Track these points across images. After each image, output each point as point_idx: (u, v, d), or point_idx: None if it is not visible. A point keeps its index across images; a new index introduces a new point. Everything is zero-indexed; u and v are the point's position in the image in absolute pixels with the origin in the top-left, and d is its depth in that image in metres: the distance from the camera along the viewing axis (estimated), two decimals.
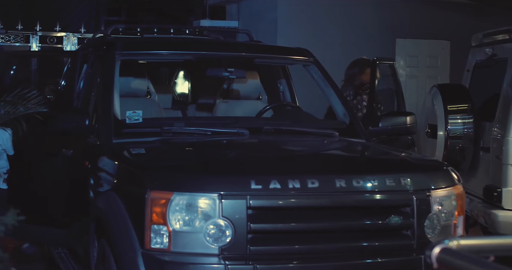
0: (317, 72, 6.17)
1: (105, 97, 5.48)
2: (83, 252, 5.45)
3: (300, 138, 5.57)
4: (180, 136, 5.27)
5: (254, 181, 4.10)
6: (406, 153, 5.32)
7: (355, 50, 11.75)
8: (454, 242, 2.12)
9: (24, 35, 12.13)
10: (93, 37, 7.56)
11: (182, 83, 7.97)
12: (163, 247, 4.07)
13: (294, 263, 4.12)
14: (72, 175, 6.13)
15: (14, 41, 12.14)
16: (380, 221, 4.29)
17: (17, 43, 12.18)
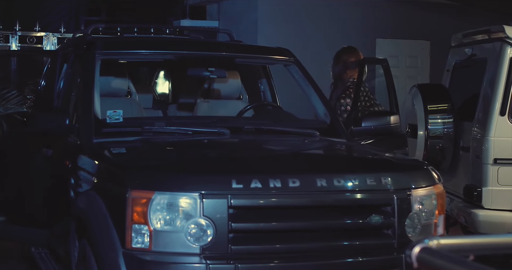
0: (298, 72, 6.18)
1: (85, 96, 5.46)
2: (63, 252, 5.43)
3: (281, 138, 5.57)
4: (161, 135, 5.27)
5: (235, 180, 4.10)
6: (387, 153, 5.33)
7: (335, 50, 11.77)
8: (434, 241, 2.13)
9: (4, 35, 12.06)
10: (73, 37, 7.54)
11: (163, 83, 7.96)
12: (144, 246, 4.06)
13: (276, 262, 4.13)
14: (52, 175, 6.10)
15: None
16: (361, 220, 4.30)
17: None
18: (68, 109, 6.05)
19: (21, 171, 6.74)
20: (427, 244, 2.12)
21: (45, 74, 7.62)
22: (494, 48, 7.57)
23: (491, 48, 7.65)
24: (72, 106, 6.15)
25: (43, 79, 7.62)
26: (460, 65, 8.34)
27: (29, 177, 6.63)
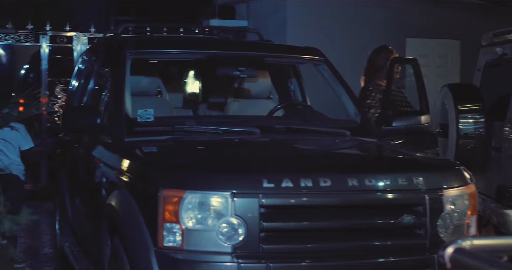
0: (328, 71, 6.17)
1: (116, 95, 5.49)
2: (96, 250, 5.46)
3: (311, 137, 5.57)
4: (192, 134, 5.28)
5: (266, 179, 4.10)
6: (418, 153, 5.31)
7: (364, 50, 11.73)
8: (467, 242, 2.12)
9: (34, 35, 12.15)
10: (103, 37, 7.57)
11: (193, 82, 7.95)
12: (176, 245, 4.07)
13: (307, 261, 4.12)
14: (84, 174, 6.14)
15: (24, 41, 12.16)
16: (392, 220, 4.29)
17: (27, 43, 12.20)
18: (99, 109, 6.09)
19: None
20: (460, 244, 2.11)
21: (76, 73, 7.67)
22: None
23: None
24: (103, 106, 6.19)
25: (74, 79, 7.67)
26: (491, 65, 8.28)
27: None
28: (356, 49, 11.61)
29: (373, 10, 11.85)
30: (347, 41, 11.61)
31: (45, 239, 8.93)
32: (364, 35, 11.75)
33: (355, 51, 11.58)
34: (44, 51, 12.10)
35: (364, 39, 11.73)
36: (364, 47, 11.71)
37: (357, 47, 11.63)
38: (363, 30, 11.78)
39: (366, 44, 11.72)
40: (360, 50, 11.69)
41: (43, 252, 8.29)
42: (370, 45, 11.75)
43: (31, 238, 8.92)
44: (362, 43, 11.69)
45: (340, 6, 11.71)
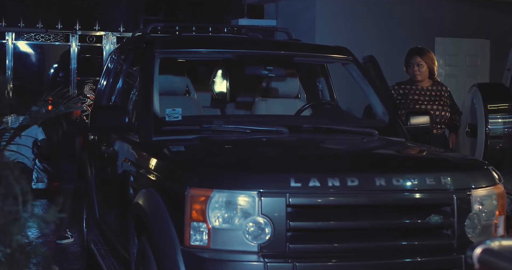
0: (357, 70, 6.16)
1: (145, 95, 5.50)
2: (123, 249, 5.48)
3: (339, 137, 5.55)
4: (219, 134, 5.28)
5: (293, 179, 4.09)
6: (447, 153, 5.28)
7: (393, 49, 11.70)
8: (495, 242, 2.11)
9: (64, 34, 12.23)
10: (132, 36, 7.60)
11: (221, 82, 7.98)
12: (202, 244, 4.08)
13: (333, 261, 4.11)
14: (111, 173, 6.17)
15: (54, 41, 12.24)
16: (420, 220, 4.27)
17: (57, 42, 12.28)
18: (127, 107, 6.11)
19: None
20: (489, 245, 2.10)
21: (105, 73, 7.71)
22: None
23: None
24: (131, 105, 6.21)
25: (102, 78, 7.71)
26: None
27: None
28: (385, 49, 11.58)
29: (402, 9, 11.80)
30: (375, 40, 11.57)
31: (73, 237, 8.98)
32: (393, 34, 11.71)
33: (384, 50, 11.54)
34: (73, 50, 12.20)
35: (393, 38, 11.70)
36: (393, 46, 11.71)
37: (386, 47, 11.60)
38: (392, 30, 11.73)
39: (395, 43, 11.71)
40: (389, 49, 11.68)
41: (70, 251, 8.34)
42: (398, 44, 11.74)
43: None
44: (391, 43, 11.67)
45: (369, 6, 11.68)
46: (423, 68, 7.57)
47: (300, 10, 11.96)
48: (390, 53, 11.66)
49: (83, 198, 7.72)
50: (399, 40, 11.72)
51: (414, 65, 7.59)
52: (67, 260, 7.89)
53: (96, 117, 5.59)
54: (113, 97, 6.94)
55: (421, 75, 7.57)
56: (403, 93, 7.56)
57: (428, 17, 11.88)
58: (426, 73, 7.60)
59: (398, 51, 11.69)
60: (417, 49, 7.80)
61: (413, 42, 11.70)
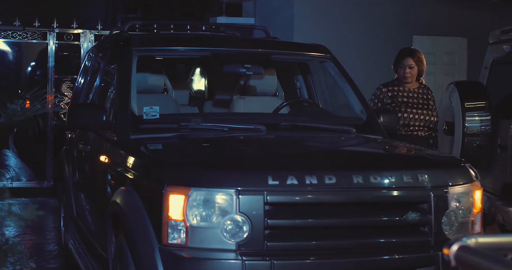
0: (334, 68, 6.18)
1: (122, 93, 5.49)
2: (100, 247, 5.47)
3: (317, 134, 5.56)
4: (197, 132, 5.27)
5: (271, 177, 4.09)
6: (424, 150, 5.30)
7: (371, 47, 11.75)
8: (472, 239, 2.11)
9: (41, 32, 12.16)
10: (110, 34, 7.58)
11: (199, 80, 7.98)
12: (180, 242, 4.07)
13: (311, 259, 4.12)
14: (89, 171, 6.15)
15: (31, 38, 12.17)
16: (397, 217, 4.29)
17: (34, 40, 12.21)
18: (105, 106, 6.09)
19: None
20: (465, 242, 2.10)
21: (82, 71, 7.68)
22: None
23: None
24: (109, 103, 6.19)
25: (80, 76, 7.68)
26: (498, 62, 8.26)
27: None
28: (363, 46, 11.62)
29: (380, 7, 11.83)
30: (354, 38, 11.61)
31: (50, 236, 8.94)
32: (371, 32, 11.75)
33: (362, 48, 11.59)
34: (51, 48, 12.12)
35: (371, 36, 11.74)
36: (371, 44, 11.74)
37: (364, 44, 11.64)
38: (370, 27, 11.77)
39: (373, 41, 11.75)
40: (367, 47, 11.72)
41: (47, 249, 8.30)
42: (377, 42, 11.79)
43: (36, 235, 8.93)
44: (369, 40, 11.70)
45: (347, 4, 11.70)
46: (414, 71, 7.41)
47: (278, 8, 11.98)
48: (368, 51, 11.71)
49: (61, 196, 7.68)
50: (377, 38, 11.76)
51: (405, 67, 7.39)
52: (44, 259, 7.85)
53: (74, 115, 5.57)
54: (90, 95, 6.91)
55: (411, 78, 7.41)
56: (392, 95, 7.35)
57: (406, 15, 11.92)
58: (415, 76, 7.47)
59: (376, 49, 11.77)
60: (409, 50, 7.64)
61: (391, 40, 11.77)
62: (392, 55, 7.70)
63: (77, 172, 6.80)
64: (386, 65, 11.75)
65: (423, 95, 7.43)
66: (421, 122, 7.25)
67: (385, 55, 11.72)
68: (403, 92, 7.36)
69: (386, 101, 7.29)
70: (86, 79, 7.29)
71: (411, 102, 7.32)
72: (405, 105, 7.26)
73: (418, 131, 7.28)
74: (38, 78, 13.07)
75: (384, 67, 11.72)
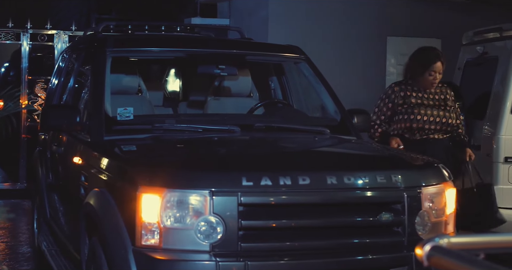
0: (308, 69, 6.19)
1: (96, 94, 5.47)
2: (74, 249, 5.44)
3: (291, 135, 5.57)
4: (171, 133, 5.27)
5: (245, 177, 4.09)
6: (397, 151, 5.32)
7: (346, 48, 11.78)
8: (444, 239, 2.12)
9: (15, 32, 12.10)
10: (84, 35, 7.55)
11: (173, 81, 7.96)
12: (154, 244, 4.06)
13: (285, 259, 4.12)
14: (63, 172, 6.12)
15: (5, 39, 12.10)
16: (371, 217, 4.30)
17: (8, 41, 12.15)
18: (79, 107, 6.07)
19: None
20: (437, 242, 2.11)
21: (56, 72, 7.65)
22: (505, 46, 7.57)
23: (502, 46, 7.64)
24: (83, 104, 6.17)
25: (54, 77, 7.65)
26: (471, 63, 8.33)
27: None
28: (337, 47, 11.64)
29: (355, 8, 11.87)
30: (329, 39, 11.63)
31: (23, 238, 8.89)
32: (346, 33, 11.78)
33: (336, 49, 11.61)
34: (24, 49, 12.06)
35: (346, 37, 11.76)
36: (345, 45, 11.77)
37: (338, 45, 11.66)
38: (344, 28, 11.80)
39: (347, 42, 11.78)
40: (342, 48, 11.74)
41: (21, 251, 8.25)
42: (351, 43, 11.82)
43: (9, 237, 8.88)
44: (343, 41, 11.73)
45: (322, 4, 11.73)
46: (443, 69, 6.70)
47: (253, 9, 11.98)
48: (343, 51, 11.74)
49: (34, 198, 7.64)
50: (351, 39, 11.80)
51: (435, 73, 6.63)
52: (17, 261, 7.80)
53: (47, 116, 5.54)
54: (64, 96, 6.88)
55: (439, 78, 6.71)
56: (404, 95, 6.69)
57: (380, 17, 11.97)
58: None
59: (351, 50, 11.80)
60: (437, 52, 6.80)
61: (365, 41, 11.81)
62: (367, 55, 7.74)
63: (50, 173, 6.77)
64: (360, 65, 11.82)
65: (441, 94, 6.75)
66: (437, 125, 6.61)
67: (360, 56, 11.78)
68: (417, 93, 6.70)
69: (398, 102, 6.68)
70: (60, 80, 7.25)
71: (426, 103, 6.67)
72: (418, 106, 6.63)
73: (434, 134, 6.66)
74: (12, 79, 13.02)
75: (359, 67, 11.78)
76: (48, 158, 6.87)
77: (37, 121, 11.56)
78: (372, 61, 11.94)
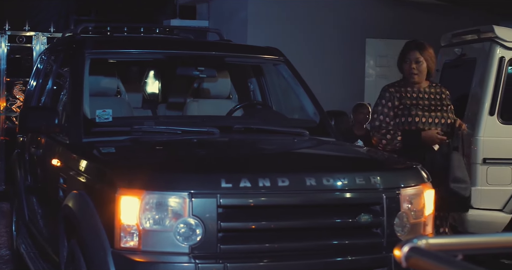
0: (287, 71, 6.20)
1: (75, 96, 5.45)
2: (53, 252, 5.42)
3: (270, 137, 5.57)
4: (150, 135, 5.26)
5: (224, 179, 4.09)
6: (376, 152, 5.34)
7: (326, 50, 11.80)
8: (423, 241, 2.13)
9: None
10: (62, 36, 7.52)
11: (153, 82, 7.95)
12: (133, 246, 4.04)
13: (265, 261, 4.12)
14: (41, 175, 6.10)
15: None
16: (350, 219, 4.30)
17: None
18: (57, 108, 6.04)
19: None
20: (416, 243, 2.11)
21: (35, 73, 7.61)
22: (483, 48, 7.61)
23: (480, 48, 7.68)
24: (61, 106, 6.15)
25: (32, 79, 7.61)
26: (450, 65, 8.36)
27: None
28: (316, 49, 11.67)
29: (334, 10, 11.90)
30: (308, 41, 11.65)
31: (1, 240, 8.85)
32: (325, 35, 11.80)
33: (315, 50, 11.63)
34: (2, 51, 12.00)
35: (325, 39, 11.79)
36: (324, 46, 11.80)
37: (317, 47, 11.69)
38: (323, 30, 11.83)
39: (327, 43, 11.81)
40: (321, 49, 11.77)
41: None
42: (331, 45, 11.84)
43: None
44: (322, 43, 11.75)
45: (301, 6, 11.75)
46: (421, 66, 6.32)
47: (232, 11, 11.99)
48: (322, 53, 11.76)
49: (13, 200, 7.60)
50: (330, 40, 11.82)
51: (411, 62, 6.34)
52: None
53: (26, 118, 5.51)
54: (43, 98, 6.85)
55: (419, 75, 6.34)
56: (400, 96, 6.32)
57: (359, 18, 12.01)
58: (424, 73, 6.37)
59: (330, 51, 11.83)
60: (416, 43, 6.50)
61: (344, 43, 11.84)
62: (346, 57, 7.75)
63: (29, 175, 6.74)
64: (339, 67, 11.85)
65: (436, 94, 6.39)
66: (434, 126, 6.27)
67: (339, 58, 11.81)
68: (411, 93, 6.35)
69: (395, 103, 6.32)
70: (39, 82, 7.23)
71: (422, 103, 6.31)
72: (414, 108, 6.28)
73: None
74: None
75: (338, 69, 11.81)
76: (27, 160, 6.83)
77: (16, 123, 11.51)
78: (351, 63, 11.97)
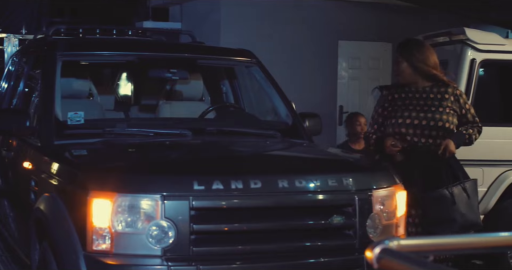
0: (260, 73, 6.20)
1: (46, 98, 5.43)
2: (24, 255, 5.38)
3: (242, 139, 5.58)
4: (123, 137, 5.24)
5: (196, 181, 4.09)
6: (348, 154, 5.35)
7: (298, 52, 11.83)
8: (394, 242, 2.13)
9: None
10: (34, 38, 7.48)
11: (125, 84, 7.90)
12: (105, 249, 4.03)
13: (237, 263, 4.13)
14: (12, 177, 6.06)
15: None
16: (322, 221, 4.32)
17: None
18: (29, 111, 6.01)
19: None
20: (387, 245, 2.12)
21: (6, 75, 7.57)
22: (455, 50, 7.64)
23: (452, 50, 7.71)
24: (33, 108, 6.11)
25: (3, 81, 7.57)
26: None
27: None
28: (289, 51, 11.68)
29: (307, 12, 11.92)
30: (281, 42, 11.67)
31: None
32: (297, 37, 11.82)
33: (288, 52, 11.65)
34: None
35: (298, 41, 11.81)
36: (297, 48, 11.82)
37: (290, 49, 11.70)
38: (296, 33, 11.85)
39: (300, 46, 11.83)
40: (294, 51, 11.79)
41: None
42: (303, 47, 11.87)
43: None
44: (296, 45, 11.77)
45: (274, 8, 11.77)
46: (401, 66, 5.89)
47: (205, 13, 11.98)
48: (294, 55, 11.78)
49: None
50: (303, 42, 11.85)
51: (394, 63, 6.12)
52: None
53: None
54: (14, 100, 6.81)
55: (401, 75, 5.90)
56: (392, 98, 5.90)
57: (332, 21, 12.04)
58: (407, 72, 5.87)
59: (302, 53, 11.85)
60: (402, 42, 6.19)
61: (317, 45, 11.87)
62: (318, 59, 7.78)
63: (0, 178, 6.69)
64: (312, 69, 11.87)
65: (437, 94, 5.84)
66: (417, 129, 5.71)
67: (311, 60, 11.84)
68: (407, 93, 5.89)
69: (385, 105, 5.94)
70: (10, 84, 7.18)
71: (415, 103, 5.82)
72: (403, 109, 5.82)
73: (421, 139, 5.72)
74: None
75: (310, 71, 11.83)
76: None
77: None
78: (323, 65, 12.00)
